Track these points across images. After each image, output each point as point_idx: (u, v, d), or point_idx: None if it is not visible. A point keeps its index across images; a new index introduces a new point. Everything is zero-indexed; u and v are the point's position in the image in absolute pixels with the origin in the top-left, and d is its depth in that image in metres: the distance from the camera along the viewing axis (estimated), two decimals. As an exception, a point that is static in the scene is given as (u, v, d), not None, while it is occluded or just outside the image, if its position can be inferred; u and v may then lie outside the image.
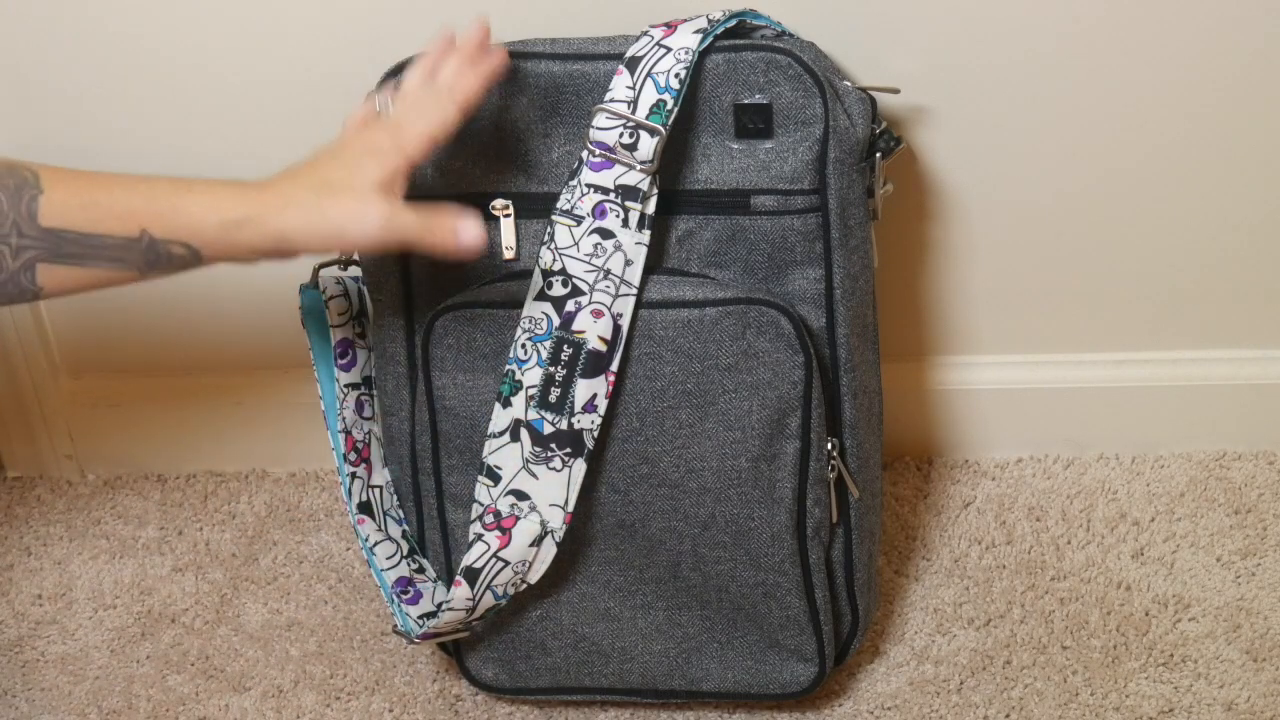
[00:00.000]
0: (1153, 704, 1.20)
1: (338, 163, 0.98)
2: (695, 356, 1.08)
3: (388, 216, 0.97)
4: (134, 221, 0.92)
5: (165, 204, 0.93)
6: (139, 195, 0.93)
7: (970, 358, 1.38)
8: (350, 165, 0.97)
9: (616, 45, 1.10)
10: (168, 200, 0.93)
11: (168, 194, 0.94)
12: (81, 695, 1.27)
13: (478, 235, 1.00)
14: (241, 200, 0.95)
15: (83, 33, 1.24)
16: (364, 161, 0.98)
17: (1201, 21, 1.19)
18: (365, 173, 0.97)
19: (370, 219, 0.96)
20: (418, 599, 1.18)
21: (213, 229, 0.94)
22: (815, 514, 1.13)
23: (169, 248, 0.94)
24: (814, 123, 1.08)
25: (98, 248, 0.92)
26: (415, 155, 1.00)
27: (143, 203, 0.93)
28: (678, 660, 1.19)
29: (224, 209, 0.94)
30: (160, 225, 0.93)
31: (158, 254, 0.93)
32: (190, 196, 0.94)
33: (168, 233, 0.93)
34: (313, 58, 1.24)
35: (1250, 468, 1.39)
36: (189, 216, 0.93)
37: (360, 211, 0.96)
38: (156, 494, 1.44)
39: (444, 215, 0.99)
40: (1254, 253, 1.31)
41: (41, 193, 0.91)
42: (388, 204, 0.97)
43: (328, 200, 0.96)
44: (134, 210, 0.92)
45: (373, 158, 0.98)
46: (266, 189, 0.96)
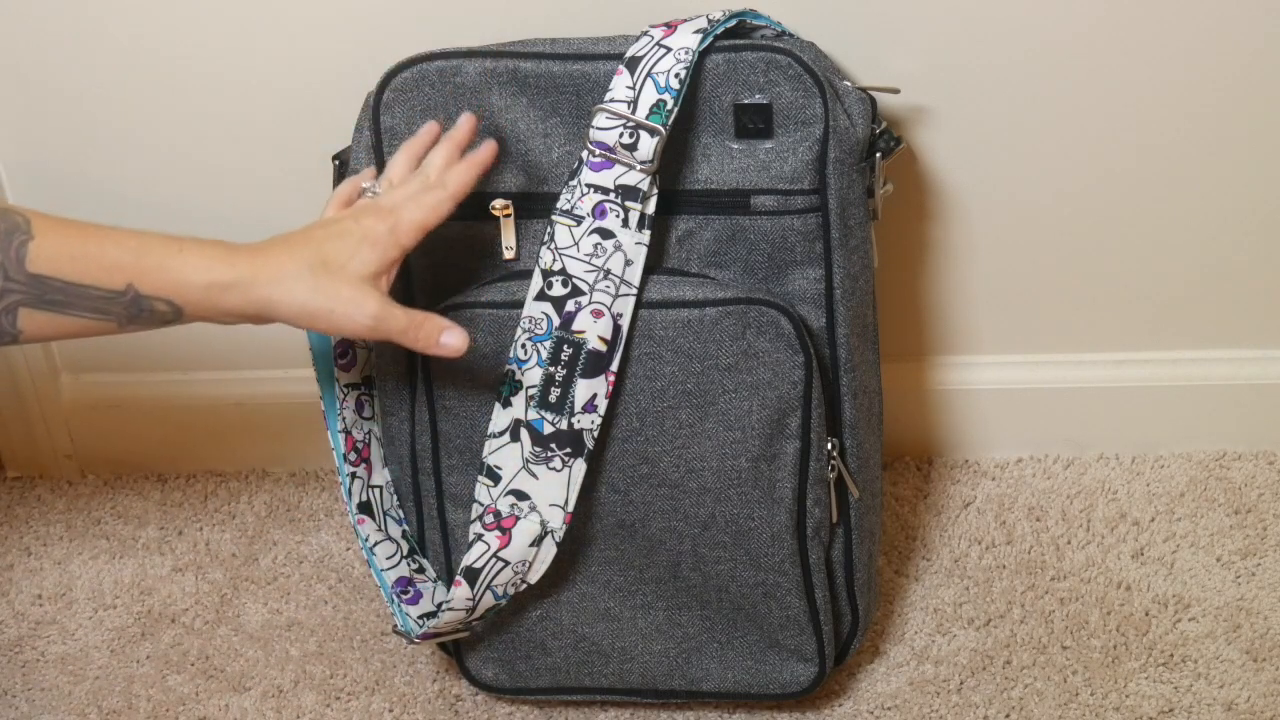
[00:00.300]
0: (1153, 704, 1.20)
1: (337, 245, 0.98)
2: (695, 356, 1.08)
3: (380, 310, 0.97)
4: (121, 275, 0.93)
5: (154, 261, 0.94)
6: (129, 250, 0.93)
7: (970, 358, 1.38)
8: (349, 250, 0.97)
9: (616, 45, 1.10)
10: (158, 258, 0.94)
11: (158, 251, 0.94)
12: (81, 695, 1.27)
13: (460, 344, 1.00)
14: (232, 264, 0.95)
15: (82, 33, 1.24)
16: (362, 248, 0.98)
17: (1201, 21, 1.19)
18: (363, 260, 0.97)
19: (365, 310, 0.97)
20: (418, 599, 1.18)
21: (199, 289, 0.94)
22: (815, 514, 1.13)
23: (153, 304, 0.94)
24: (814, 123, 1.08)
25: (82, 298, 0.92)
26: (409, 246, 1.00)
27: (132, 258, 0.93)
28: (678, 660, 1.19)
29: (214, 271, 0.94)
30: (147, 281, 0.93)
31: (140, 309, 0.94)
32: (181, 256, 0.94)
33: (154, 289, 0.94)
34: (312, 58, 1.24)
35: (1250, 468, 1.39)
36: (177, 275, 0.94)
37: (356, 301, 0.97)
38: (156, 494, 1.44)
39: (430, 320, 1.00)
40: (1254, 253, 1.31)
41: (32, 239, 0.91)
42: (381, 298, 0.98)
43: (324, 281, 0.96)
44: (122, 264, 0.93)
45: (371, 246, 0.98)
46: (259, 256, 0.96)
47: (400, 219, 1.00)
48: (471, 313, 1.10)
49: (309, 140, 1.25)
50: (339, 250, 0.97)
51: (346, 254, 0.97)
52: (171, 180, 1.31)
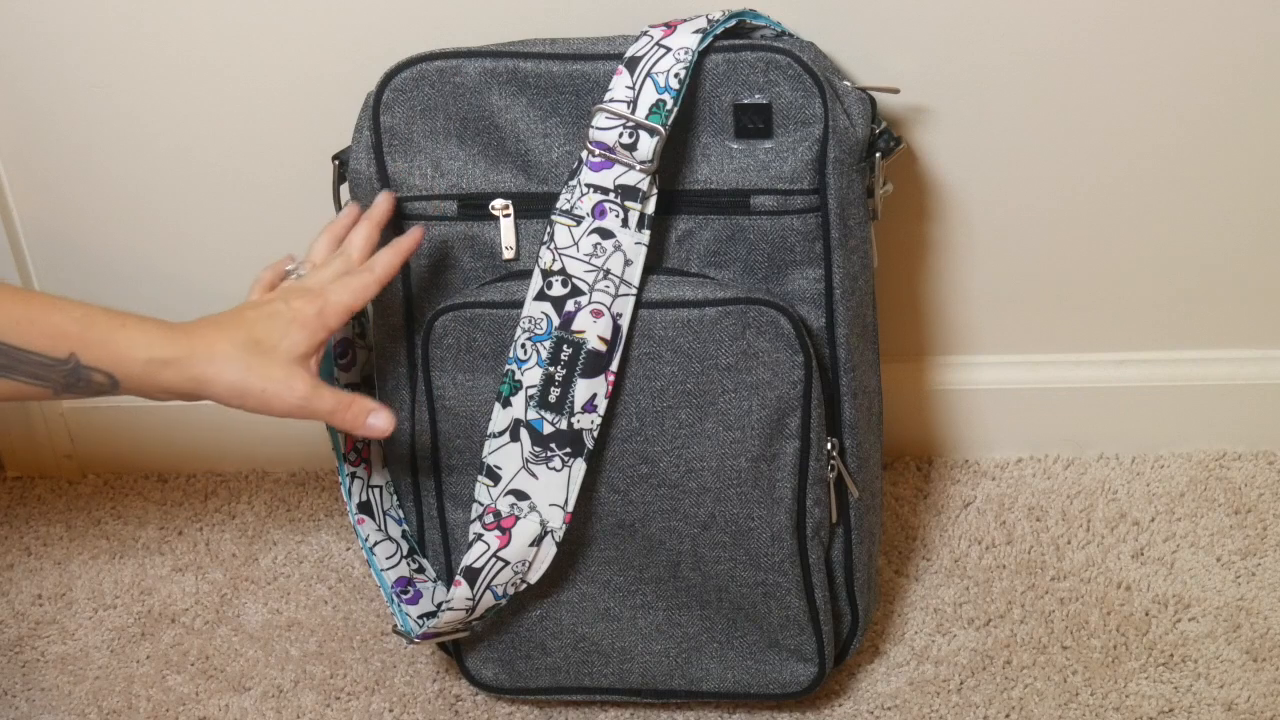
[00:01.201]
0: (1153, 704, 1.20)
1: (267, 325, 1.00)
2: (695, 356, 1.08)
3: (309, 392, 1.00)
4: (65, 344, 0.95)
5: (99, 334, 0.96)
6: (74, 321, 0.95)
7: (970, 358, 1.38)
8: (279, 331, 1.00)
9: (616, 45, 1.10)
10: (102, 331, 0.96)
11: (103, 324, 0.96)
12: (81, 695, 1.27)
13: (387, 426, 1.03)
14: (172, 342, 0.97)
15: (82, 33, 1.24)
16: (291, 330, 1.00)
17: (1201, 21, 1.19)
18: (293, 341, 1.00)
19: (294, 390, 0.99)
20: (418, 599, 1.18)
21: (139, 364, 0.96)
22: (815, 514, 1.13)
23: (91, 374, 0.96)
24: (813, 123, 1.08)
25: (23, 362, 0.94)
26: (335, 328, 1.03)
27: (77, 329, 0.95)
28: (678, 660, 1.19)
29: (155, 346, 0.97)
30: (90, 353, 0.95)
31: (78, 378, 0.96)
32: (125, 331, 0.97)
33: (95, 360, 0.96)
34: (312, 58, 1.24)
35: (1250, 468, 1.39)
36: (120, 348, 0.96)
37: (286, 382, 0.99)
38: (156, 494, 1.44)
39: (358, 402, 1.02)
40: (1254, 253, 1.31)
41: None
42: (310, 379, 1.00)
43: (256, 361, 0.99)
44: (67, 334, 0.95)
45: (300, 328, 1.01)
46: (196, 335, 0.99)
47: (328, 301, 1.03)
48: (471, 313, 1.10)
49: (309, 140, 1.25)
50: (270, 331, 1.00)
51: (277, 335, 1.00)
52: (171, 180, 1.31)
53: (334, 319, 1.02)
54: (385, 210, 1.10)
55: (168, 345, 0.97)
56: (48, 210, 1.34)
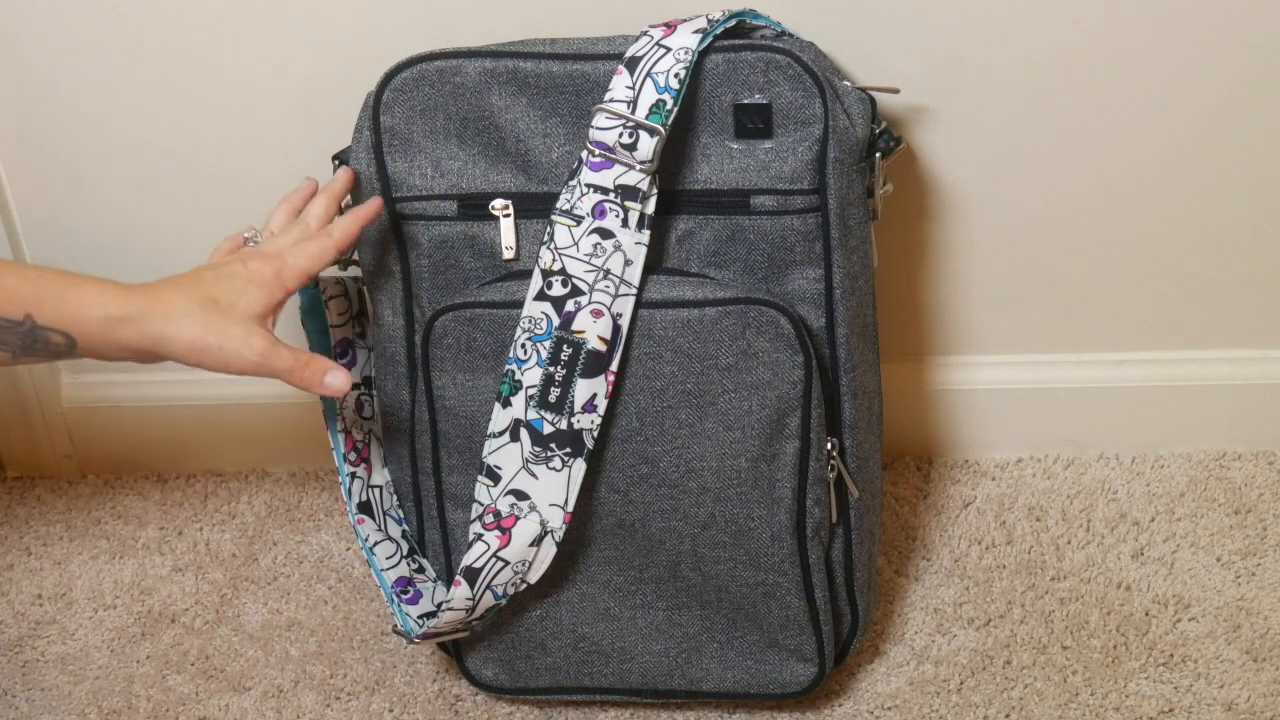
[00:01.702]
0: (1153, 704, 1.20)
1: (224, 285, 1.01)
2: (695, 356, 1.08)
3: (267, 349, 1.00)
4: (20, 305, 0.95)
5: (53, 292, 0.96)
6: (29, 281, 0.96)
7: (970, 358, 1.38)
8: (236, 290, 1.01)
9: (616, 45, 1.10)
10: (56, 289, 0.96)
11: (57, 284, 0.97)
12: (81, 695, 1.27)
13: (343, 384, 1.03)
14: (128, 299, 0.98)
15: (83, 33, 1.24)
16: (249, 289, 1.01)
17: (1201, 21, 1.19)
18: (250, 300, 1.01)
19: (252, 347, 0.99)
20: (418, 599, 1.18)
21: (95, 322, 0.97)
22: (815, 514, 1.13)
23: (49, 335, 0.96)
24: (813, 123, 1.08)
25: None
26: (293, 289, 1.04)
27: (31, 289, 0.95)
28: (678, 660, 1.19)
29: (110, 304, 0.97)
30: (45, 312, 0.96)
31: (36, 339, 0.96)
32: (79, 289, 0.97)
33: (51, 320, 0.96)
34: (312, 58, 1.24)
35: (1250, 468, 1.39)
36: (75, 307, 0.96)
37: (243, 338, 0.99)
38: (156, 494, 1.44)
39: (316, 360, 1.02)
40: (1254, 253, 1.31)
41: None
42: (267, 336, 1.00)
43: (214, 319, 0.99)
44: (22, 294, 0.95)
45: (258, 287, 1.01)
46: (153, 293, 0.99)
47: (286, 263, 1.04)
48: (471, 313, 1.10)
49: (309, 140, 1.25)
50: (227, 290, 1.01)
51: (235, 294, 1.01)
52: (171, 180, 1.31)
53: (291, 280, 1.03)
54: (344, 184, 1.12)
55: (124, 303, 0.97)
56: (48, 210, 1.34)
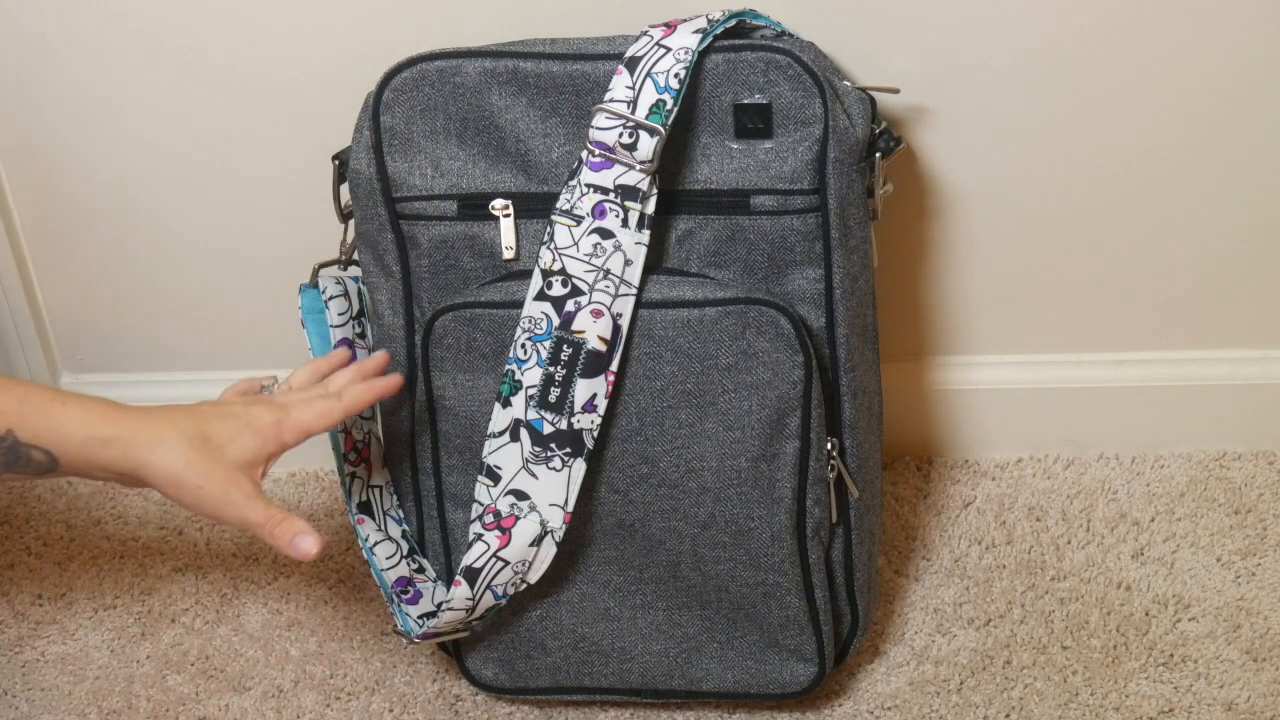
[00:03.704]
0: (1153, 704, 1.20)
1: (220, 425, 0.99)
2: (695, 356, 1.08)
3: (247, 499, 0.99)
4: (2, 420, 0.94)
5: (37, 409, 0.95)
6: (14, 397, 0.95)
7: (970, 358, 1.38)
8: (231, 433, 0.99)
9: (616, 45, 1.10)
10: (40, 406, 0.95)
11: (42, 401, 0.96)
12: (81, 695, 1.27)
13: (312, 549, 1.00)
14: (113, 422, 0.97)
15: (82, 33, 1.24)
16: (244, 435, 1.00)
17: (1201, 21, 1.19)
18: (242, 447, 0.99)
19: (229, 497, 0.98)
20: (418, 599, 1.18)
21: (78, 442, 0.96)
22: (815, 514, 1.13)
23: (30, 452, 0.95)
24: (813, 123, 1.08)
25: None
26: (290, 444, 1.02)
27: (15, 404, 0.95)
28: (678, 660, 1.19)
29: (94, 426, 0.96)
30: (27, 428, 0.95)
31: (17, 456, 0.95)
32: (63, 408, 0.96)
33: (32, 437, 0.95)
34: (312, 58, 1.24)
35: (1250, 468, 1.39)
36: (58, 425, 0.95)
37: (224, 484, 0.98)
38: (157, 494, 1.44)
39: (289, 521, 1.00)
40: (1254, 253, 1.31)
41: None
42: (250, 488, 0.99)
43: (199, 458, 0.97)
44: (5, 410, 0.94)
45: (253, 435, 1.00)
46: (142, 420, 0.98)
47: (289, 416, 1.02)
48: (471, 313, 1.10)
49: (309, 140, 1.25)
50: (221, 431, 0.99)
51: (228, 437, 0.99)
52: (171, 180, 1.31)
53: (290, 435, 1.02)
54: (378, 365, 1.11)
55: (108, 425, 0.96)
56: (48, 210, 1.34)
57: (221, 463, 0.98)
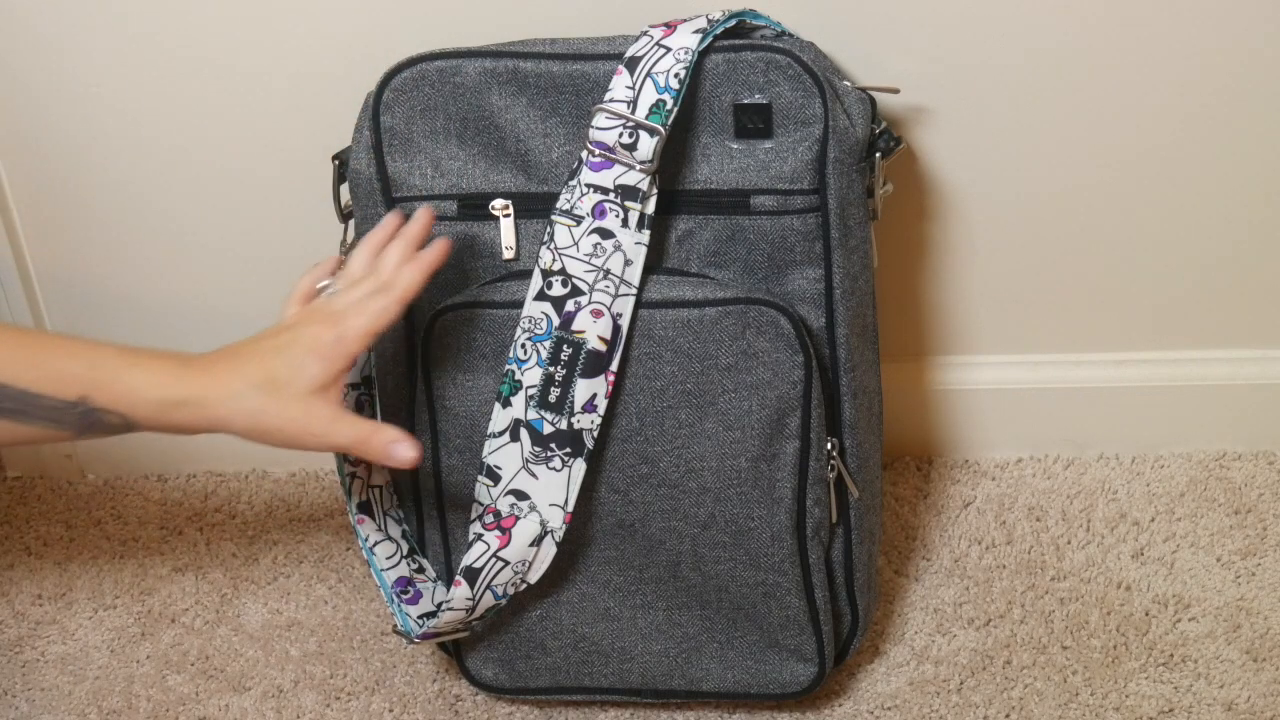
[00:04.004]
0: (1153, 704, 1.20)
1: (282, 360, 0.99)
2: (695, 356, 1.08)
3: (328, 424, 0.98)
4: (76, 387, 0.94)
5: (107, 373, 0.95)
6: (82, 361, 0.95)
7: (970, 358, 1.38)
8: (295, 363, 0.98)
9: (616, 45, 1.10)
10: (110, 370, 0.95)
11: (111, 363, 0.96)
12: (81, 695, 1.27)
13: (411, 454, 1.00)
14: (183, 381, 0.96)
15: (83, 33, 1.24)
16: (308, 361, 0.99)
17: (1201, 21, 1.19)
18: (308, 373, 0.98)
19: (312, 429, 0.98)
20: (418, 599, 1.18)
21: (150, 405, 0.96)
22: (815, 514, 1.13)
23: (105, 416, 0.95)
24: (813, 123, 1.08)
25: (36, 406, 0.94)
26: (357, 353, 1.01)
27: (85, 369, 0.95)
28: (678, 660, 1.19)
29: (165, 387, 0.96)
30: (100, 394, 0.95)
31: (93, 420, 0.95)
32: (133, 371, 0.96)
33: (106, 402, 0.95)
34: (313, 58, 1.24)
35: (1250, 468, 1.39)
36: (129, 389, 0.95)
37: (303, 418, 0.98)
38: (156, 494, 1.44)
39: (380, 432, 1.00)
40: (1254, 253, 1.31)
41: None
42: (329, 410, 0.98)
43: (271, 401, 0.97)
44: (77, 376, 0.94)
45: (317, 358, 0.99)
46: (209, 372, 0.97)
47: (347, 327, 1.00)
48: (471, 313, 1.10)
49: (309, 140, 1.25)
50: (285, 365, 0.98)
51: (293, 369, 0.98)
52: (171, 180, 1.31)
53: (354, 344, 1.00)
54: (422, 228, 1.07)
55: (179, 385, 0.96)
56: (47, 210, 1.34)
57: (295, 398, 0.98)
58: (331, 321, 1.00)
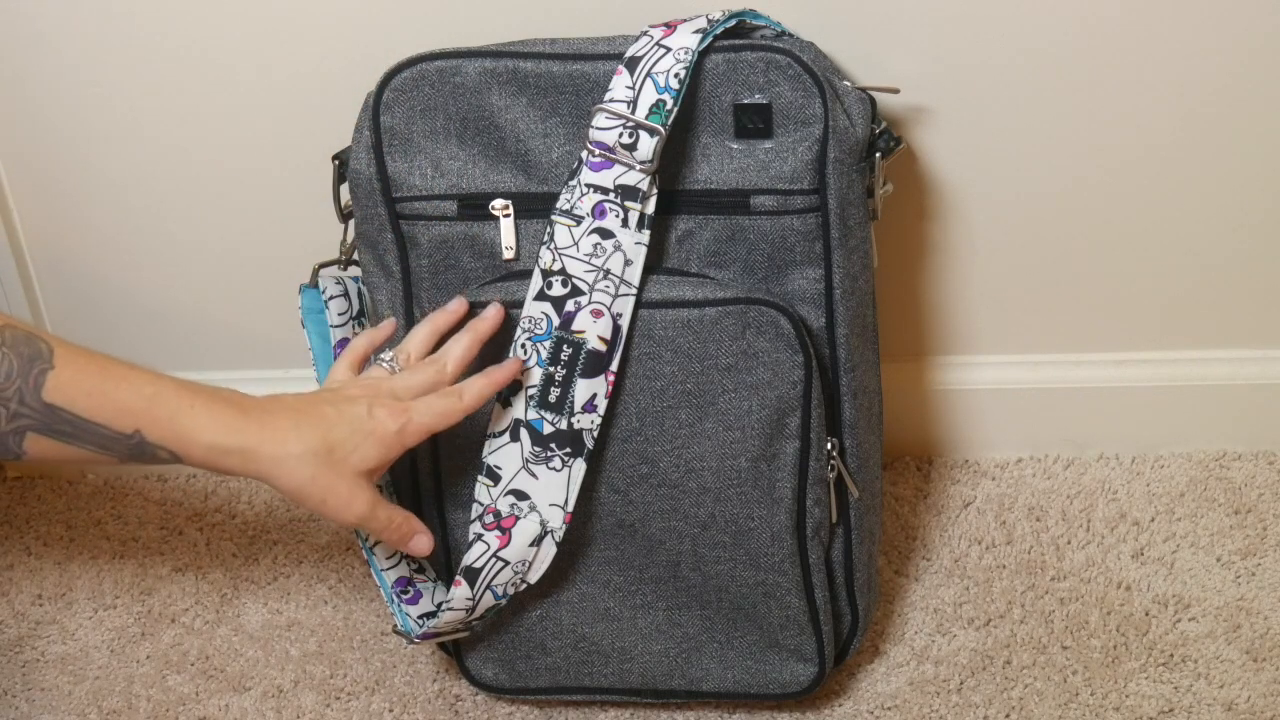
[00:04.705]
0: (1153, 704, 1.20)
1: (343, 431, 0.99)
2: (695, 356, 1.08)
3: (366, 512, 1.01)
4: (131, 420, 0.95)
5: (166, 412, 0.95)
6: (143, 397, 0.95)
7: (970, 358, 1.38)
8: (355, 442, 1.00)
9: (616, 45, 1.10)
10: (169, 408, 0.96)
11: (171, 401, 0.96)
12: (81, 695, 1.27)
13: (426, 548, 1.07)
14: (240, 432, 0.97)
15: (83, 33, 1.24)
16: (367, 443, 1.00)
17: (1201, 21, 1.19)
18: (364, 456, 1.00)
19: (354, 510, 1.00)
20: (418, 599, 1.18)
21: (203, 448, 0.96)
22: (815, 514, 1.13)
23: (156, 450, 0.96)
24: (813, 123, 1.08)
25: (90, 434, 0.94)
26: (411, 447, 1.03)
27: (144, 405, 0.95)
28: (678, 660, 1.19)
29: (220, 435, 0.97)
30: (155, 431, 0.95)
31: (144, 452, 0.96)
32: (192, 412, 0.96)
33: (159, 439, 0.96)
34: (312, 58, 1.24)
35: (1250, 468, 1.39)
36: (185, 430, 0.96)
37: (348, 497, 1.00)
38: (156, 494, 1.44)
39: (408, 522, 1.05)
40: (1254, 253, 1.31)
41: (52, 369, 0.93)
42: (372, 496, 1.01)
43: (323, 472, 0.98)
44: (134, 410, 0.95)
45: (376, 443, 1.00)
46: (267, 426, 0.98)
47: (412, 420, 1.02)
48: (471, 313, 1.10)
49: (309, 140, 1.25)
50: (345, 440, 0.99)
51: (351, 446, 1.00)
52: (172, 180, 1.31)
53: (412, 439, 1.02)
54: (493, 325, 1.08)
55: (235, 435, 0.97)
56: (48, 210, 1.34)
57: (345, 476, 0.99)
58: (398, 412, 1.02)
